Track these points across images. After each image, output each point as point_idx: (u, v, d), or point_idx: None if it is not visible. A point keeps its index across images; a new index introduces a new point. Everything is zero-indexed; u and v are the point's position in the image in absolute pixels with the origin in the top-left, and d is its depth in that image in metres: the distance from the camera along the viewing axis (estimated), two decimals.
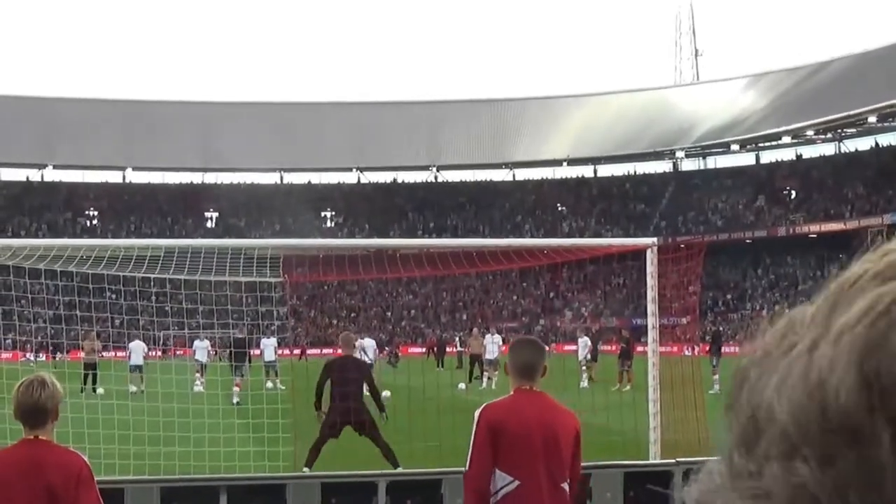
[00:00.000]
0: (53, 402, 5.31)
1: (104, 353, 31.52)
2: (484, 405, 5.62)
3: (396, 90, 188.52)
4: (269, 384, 28.06)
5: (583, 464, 8.66)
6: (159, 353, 34.44)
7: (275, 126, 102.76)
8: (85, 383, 29.29)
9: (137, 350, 31.81)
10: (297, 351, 37.75)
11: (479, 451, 5.49)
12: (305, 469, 13.13)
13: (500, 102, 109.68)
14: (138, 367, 31.28)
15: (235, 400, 25.98)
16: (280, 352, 32.60)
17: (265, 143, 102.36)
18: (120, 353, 33.07)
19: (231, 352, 28.11)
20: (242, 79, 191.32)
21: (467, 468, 5.56)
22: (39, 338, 32.22)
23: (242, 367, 27.82)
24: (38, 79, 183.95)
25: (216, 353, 33.25)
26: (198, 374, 30.49)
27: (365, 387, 14.18)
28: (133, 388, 28.26)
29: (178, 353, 32.82)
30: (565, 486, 5.51)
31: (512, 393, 5.64)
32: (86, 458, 5.49)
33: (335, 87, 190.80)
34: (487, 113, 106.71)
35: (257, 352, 32.77)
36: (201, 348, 31.54)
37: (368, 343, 31.82)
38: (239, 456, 12.97)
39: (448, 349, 57.86)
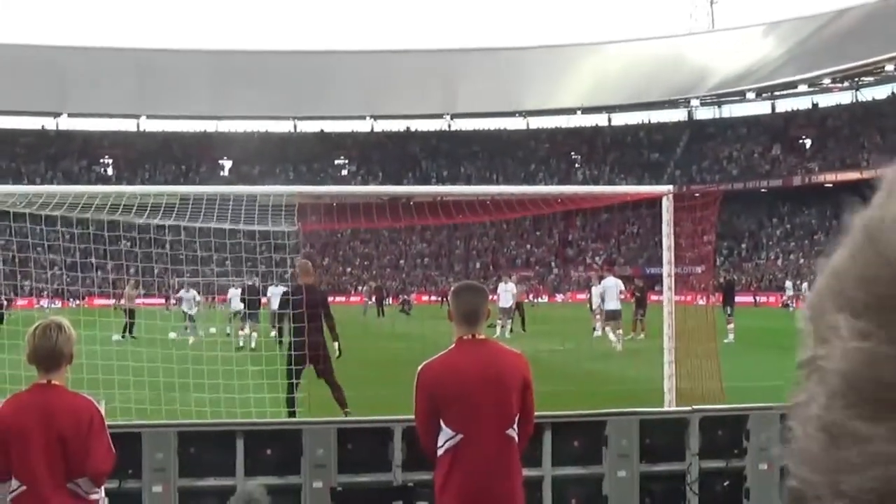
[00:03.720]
0: (69, 346, 5.33)
1: (139, 301, 31.55)
2: (422, 364, 5.54)
3: (410, 38, 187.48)
4: (274, 332, 27.95)
5: (598, 411, 8.70)
6: (172, 302, 34.25)
7: (288, 74, 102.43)
8: (127, 330, 29.36)
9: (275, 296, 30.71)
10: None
11: (420, 413, 5.51)
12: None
13: (514, 51, 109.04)
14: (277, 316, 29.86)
15: (253, 344, 26.10)
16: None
17: (278, 91, 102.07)
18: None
19: (245, 299, 28.16)
20: (255, 27, 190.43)
21: (416, 427, 5.60)
22: (55, 285, 32.37)
23: (256, 315, 27.87)
24: (52, 28, 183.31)
25: (208, 301, 32.86)
26: (243, 325, 29.32)
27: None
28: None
29: (207, 300, 32.42)
30: (511, 431, 5.48)
31: (453, 345, 5.59)
32: (100, 404, 5.51)
33: (349, 35, 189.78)
34: (501, 61, 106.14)
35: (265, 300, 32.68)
36: (188, 299, 30.95)
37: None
38: (255, 402, 13.04)
39: None
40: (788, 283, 72.99)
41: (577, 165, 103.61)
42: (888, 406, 0.53)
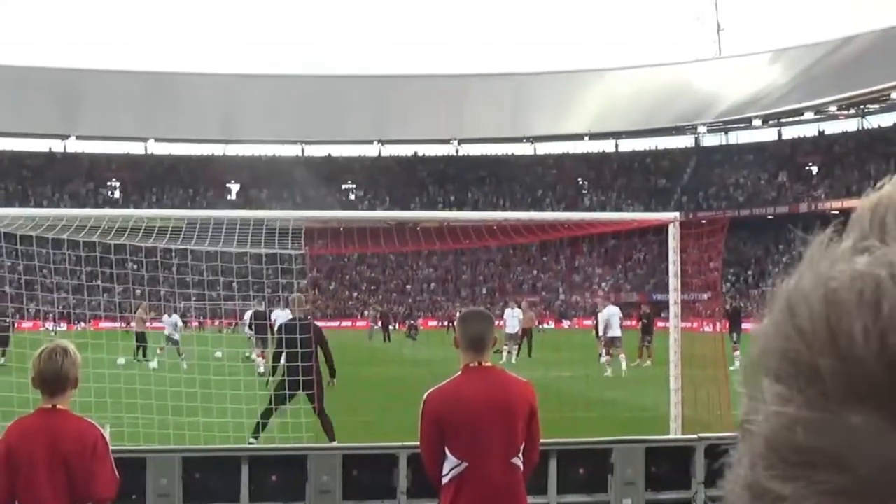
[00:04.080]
0: (74, 371, 5.32)
1: (149, 324, 31.48)
2: (428, 393, 5.49)
3: (418, 63, 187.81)
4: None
5: (604, 438, 8.67)
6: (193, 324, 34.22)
7: (296, 98, 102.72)
8: (137, 353, 29.29)
9: (280, 319, 30.28)
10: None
11: (426, 441, 5.47)
12: (252, 440, 12.99)
13: (521, 76, 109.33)
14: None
15: (260, 370, 25.94)
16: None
17: (286, 115, 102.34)
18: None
19: (252, 324, 28.05)
20: (264, 51, 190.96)
21: (422, 454, 5.57)
22: (60, 307, 32.35)
23: (265, 339, 27.68)
24: (61, 50, 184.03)
25: (199, 325, 32.80)
26: (256, 352, 29.20)
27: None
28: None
29: (213, 323, 32.41)
30: (517, 460, 5.44)
31: (459, 373, 5.55)
32: (104, 429, 5.50)
33: (357, 60, 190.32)
34: (509, 87, 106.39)
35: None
36: (170, 324, 30.79)
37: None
38: (263, 427, 13.01)
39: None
40: None
41: (584, 191, 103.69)
42: (801, 467, 0.54)
